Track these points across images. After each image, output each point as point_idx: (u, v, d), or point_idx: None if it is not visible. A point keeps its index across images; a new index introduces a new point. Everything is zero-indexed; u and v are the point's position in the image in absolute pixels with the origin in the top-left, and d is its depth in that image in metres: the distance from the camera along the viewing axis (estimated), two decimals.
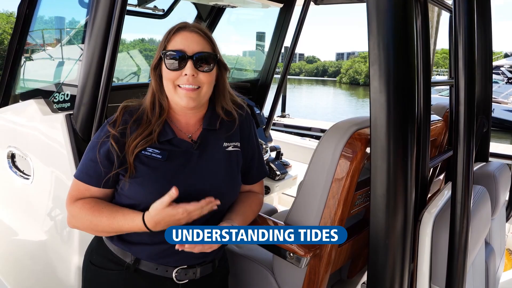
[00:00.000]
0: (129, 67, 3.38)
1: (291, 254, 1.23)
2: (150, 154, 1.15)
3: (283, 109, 14.04)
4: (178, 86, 1.14)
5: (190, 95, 1.13)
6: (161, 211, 1.05)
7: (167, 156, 1.16)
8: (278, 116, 13.13)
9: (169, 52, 1.13)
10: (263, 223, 1.37)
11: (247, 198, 1.33)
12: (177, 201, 1.14)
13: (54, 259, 1.79)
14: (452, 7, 1.15)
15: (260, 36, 3.66)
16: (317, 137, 10.47)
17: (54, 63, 2.27)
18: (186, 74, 1.12)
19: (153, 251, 1.17)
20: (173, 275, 1.19)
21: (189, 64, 1.12)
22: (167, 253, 1.17)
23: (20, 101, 2.10)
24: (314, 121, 13.41)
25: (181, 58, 1.12)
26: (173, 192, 1.03)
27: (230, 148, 1.25)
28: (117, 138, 1.14)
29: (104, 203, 1.17)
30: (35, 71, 2.35)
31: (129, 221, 1.10)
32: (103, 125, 1.18)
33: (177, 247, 1.04)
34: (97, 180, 1.15)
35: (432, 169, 1.73)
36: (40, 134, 1.82)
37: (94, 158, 1.14)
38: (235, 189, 1.26)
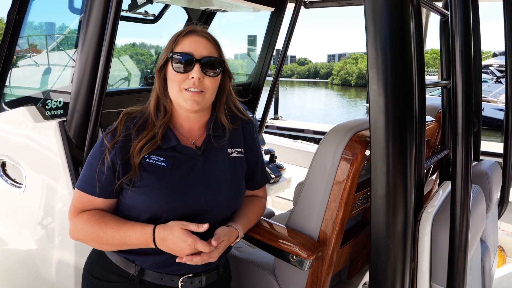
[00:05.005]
0: (120, 73, 3.35)
1: (294, 257, 1.24)
2: (154, 162, 1.14)
3: (276, 112, 14.09)
4: (184, 89, 1.14)
5: (194, 97, 1.13)
6: (178, 229, 1.06)
7: (172, 164, 1.14)
8: (271, 119, 13.16)
9: (176, 55, 1.13)
10: (265, 226, 1.37)
11: (251, 202, 1.33)
12: (182, 209, 1.14)
13: (47, 268, 1.76)
14: (449, 11, 1.17)
15: (252, 40, 3.67)
16: (310, 139, 10.51)
17: (46, 70, 2.23)
18: (192, 77, 1.12)
19: (158, 260, 1.15)
20: (179, 284, 1.17)
21: (196, 67, 1.12)
22: (172, 261, 1.15)
23: (10, 109, 2.06)
24: (307, 123, 13.49)
25: (189, 61, 1.13)
26: (204, 227, 1.06)
27: (234, 154, 1.25)
28: (121, 145, 1.13)
29: (110, 215, 1.15)
30: (26, 78, 2.32)
31: (137, 232, 1.08)
32: (105, 133, 1.16)
33: (178, 260, 1.07)
34: (101, 191, 1.13)
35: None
36: (32, 142, 1.79)
37: (97, 168, 1.12)
38: (240, 195, 1.26)
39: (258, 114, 3.37)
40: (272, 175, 2.84)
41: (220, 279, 1.27)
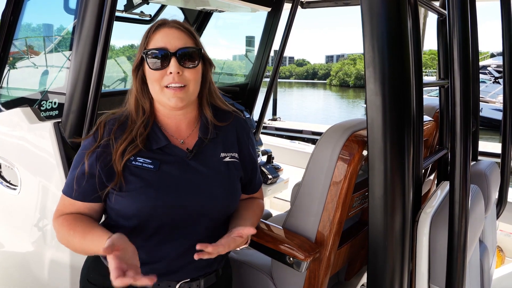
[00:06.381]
0: (118, 74, 3.34)
1: (291, 259, 1.23)
2: (141, 164, 1.08)
3: (274, 113, 14.09)
4: (165, 87, 1.07)
5: (177, 94, 1.07)
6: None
7: (159, 166, 1.09)
8: (269, 120, 13.16)
9: (150, 51, 1.07)
10: (262, 228, 1.36)
11: (250, 203, 1.29)
12: (172, 216, 1.09)
13: (43, 269, 1.74)
14: (446, 11, 1.16)
15: (249, 40, 3.66)
16: (308, 140, 10.50)
17: (40, 71, 2.22)
18: (171, 73, 1.05)
19: (153, 269, 1.09)
20: None
21: (173, 61, 1.05)
22: (168, 270, 1.12)
23: (4, 110, 2.05)
24: (305, 124, 13.49)
25: (164, 56, 1.06)
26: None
27: (227, 159, 1.19)
28: (102, 149, 1.08)
29: (83, 221, 1.08)
30: (20, 79, 2.30)
31: (96, 244, 0.99)
32: (85, 137, 1.13)
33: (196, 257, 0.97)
34: (82, 195, 1.09)
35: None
36: (27, 144, 1.77)
37: (78, 172, 1.09)
38: (235, 200, 1.20)
39: (255, 116, 3.36)
40: (270, 176, 2.82)
41: (219, 281, 1.23)
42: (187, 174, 1.12)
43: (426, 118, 1.83)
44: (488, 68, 19.98)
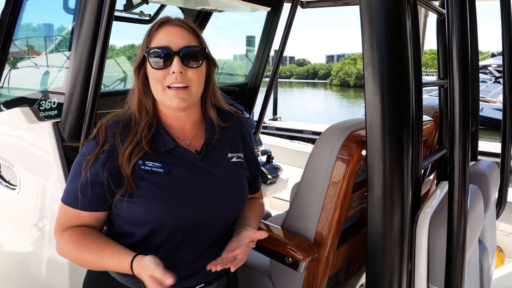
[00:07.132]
0: (117, 73, 3.34)
1: (290, 259, 1.22)
2: (150, 168, 1.04)
3: (275, 112, 14.06)
4: (167, 87, 1.04)
5: (180, 95, 1.03)
6: (145, 276, 0.92)
7: (169, 169, 1.05)
8: (269, 120, 13.14)
9: (153, 50, 1.04)
10: (261, 228, 1.35)
11: (253, 204, 1.28)
12: (185, 220, 1.06)
13: (42, 270, 1.74)
14: (445, 10, 1.16)
15: (249, 40, 3.66)
16: (309, 139, 10.48)
17: (39, 71, 2.22)
18: (173, 72, 1.02)
19: None
20: None
21: (176, 60, 1.02)
22: (183, 276, 1.08)
23: (4, 109, 2.05)
24: (305, 124, 13.47)
25: (167, 55, 1.03)
26: (169, 281, 0.88)
27: (234, 159, 1.17)
28: (107, 155, 1.03)
29: (93, 235, 1.04)
30: (19, 79, 2.30)
31: (116, 262, 0.98)
32: (86, 142, 1.08)
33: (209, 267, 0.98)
34: (86, 204, 1.04)
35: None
36: (26, 143, 1.77)
37: (82, 180, 1.03)
38: (244, 201, 1.19)
39: (255, 115, 3.36)
40: (269, 176, 2.82)
41: (230, 283, 1.22)
42: (198, 176, 1.09)
43: (425, 118, 1.82)
44: (489, 68, 19.94)
